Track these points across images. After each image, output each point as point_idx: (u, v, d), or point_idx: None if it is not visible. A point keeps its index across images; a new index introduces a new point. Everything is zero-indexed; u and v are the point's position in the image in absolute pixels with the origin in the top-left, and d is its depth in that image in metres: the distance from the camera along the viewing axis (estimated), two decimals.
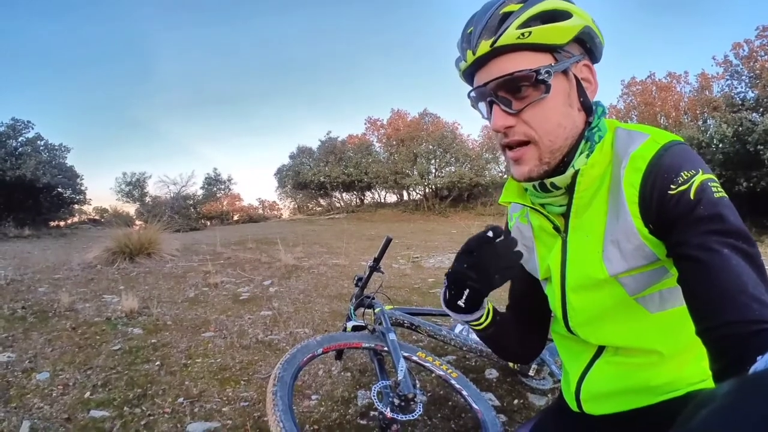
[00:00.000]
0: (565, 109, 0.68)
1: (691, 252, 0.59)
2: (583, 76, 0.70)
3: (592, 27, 0.69)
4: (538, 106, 0.67)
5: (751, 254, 0.57)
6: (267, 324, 2.94)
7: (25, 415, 1.70)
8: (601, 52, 0.73)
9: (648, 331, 0.75)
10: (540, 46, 0.66)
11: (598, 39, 0.71)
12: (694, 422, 0.26)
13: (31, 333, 2.64)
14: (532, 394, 1.93)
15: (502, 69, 0.67)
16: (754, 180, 9.84)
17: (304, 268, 5.00)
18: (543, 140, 0.68)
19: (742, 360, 0.49)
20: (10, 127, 12.78)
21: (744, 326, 0.52)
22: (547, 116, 0.67)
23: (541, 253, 0.85)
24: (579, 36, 0.68)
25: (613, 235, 0.70)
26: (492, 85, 0.68)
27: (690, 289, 0.60)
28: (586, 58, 0.71)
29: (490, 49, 0.66)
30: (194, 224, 16.48)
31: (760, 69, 13.18)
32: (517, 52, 0.66)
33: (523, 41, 0.65)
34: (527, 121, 0.68)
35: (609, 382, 0.81)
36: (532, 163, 0.70)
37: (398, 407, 1.34)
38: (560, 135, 0.69)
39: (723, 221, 0.59)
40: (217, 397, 1.87)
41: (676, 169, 0.62)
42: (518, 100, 0.68)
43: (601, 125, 0.72)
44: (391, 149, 20.13)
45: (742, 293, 0.54)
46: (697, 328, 0.59)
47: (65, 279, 4.23)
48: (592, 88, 0.71)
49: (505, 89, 0.68)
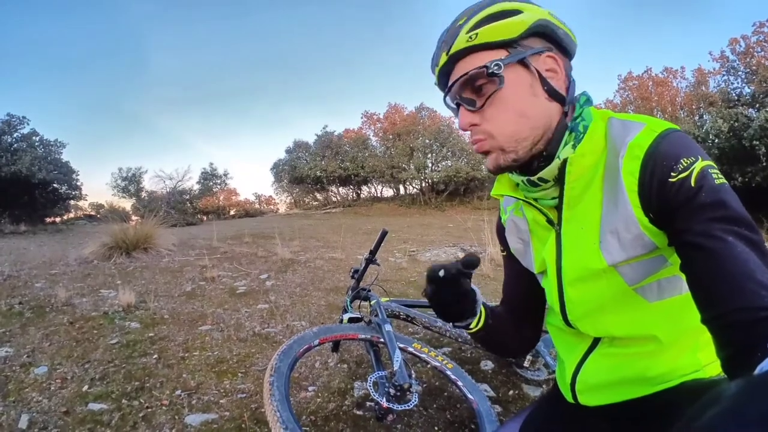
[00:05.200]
0: (527, 99, 0.70)
1: (695, 239, 0.59)
2: (548, 67, 0.71)
3: (549, 19, 0.71)
4: (497, 99, 0.70)
5: (755, 241, 0.57)
6: (264, 317, 2.95)
7: (23, 409, 1.71)
8: (571, 43, 0.75)
9: (646, 321, 0.75)
10: (491, 44, 0.69)
11: (561, 30, 0.72)
12: (699, 423, 0.26)
13: (29, 328, 2.65)
14: (526, 385, 1.95)
15: (458, 73, 0.72)
16: (750, 175, 9.88)
17: (300, 261, 5.00)
18: (503, 132, 0.71)
19: (751, 347, 0.49)
20: (5, 123, 12.70)
21: (752, 313, 0.52)
22: (506, 107, 0.70)
23: (536, 246, 0.85)
24: (534, 29, 0.70)
25: (611, 224, 0.69)
26: (455, 88, 0.72)
27: (695, 277, 0.60)
28: (553, 51, 0.72)
29: (447, 58, 0.72)
30: (191, 219, 16.46)
31: (756, 65, 13.19)
32: (470, 54, 0.70)
33: (473, 43, 0.69)
34: (488, 117, 0.71)
35: (605, 373, 0.81)
36: (495, 153, 0.73)
37: (394, 397, 1.35)
38: (523, 124, 0.70)
39: (726, 208, 0.59)
40: (215, 389, 1.89)
41: (675, 156, 0.62)
42: (479, 97, 0.71)
43: (585, 114, 0.72)
44: (387, 143, 20.07)
45: (749, 280, 0.53)
46: (704, 316, 0.58)
47: (62, 274, 4.23)
48: (558, 77, 0.72)
49: (467, 90, 0.72)
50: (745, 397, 0.25)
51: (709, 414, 0.26)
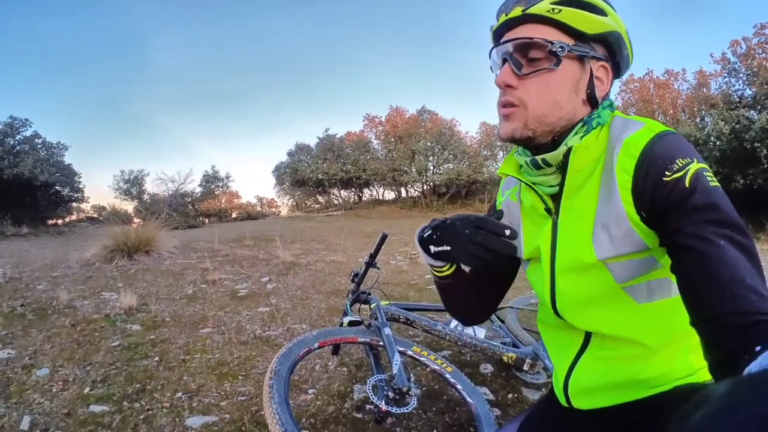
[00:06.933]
0: (568, 92, 0.71)
1: (687, 241, 0.59)
2: (598, 75, 0.73)
3: (623, 36, 0.72)
4: (544, 77, 0.71)
5: (746, 246, 0.57)
6: (265, 320, 2.96)
7: (25, 411, 1.72)
8: (627, 66, 0.77)
9: (634, 322, 0.75)
10: (566, 27, 0.70)
11: (626, 52, 0.74)
12: (688, 424, 0.27)
13: (31, 330, 2.66)
14: (526, 388, 1.95)
15: (524, 33, 0.71)
16: (751, 177, 9.88)
17: (301, 264, 5.01)
18: (535, 108, 0.71)
19: (740, 351, 0.49)
20: (7, 125, 12.75)
21: (741, 317, 0.52)
22: (547, 88, 0.71)
23: (528, 232, 0.86)
24: (606, 36, 0.71)
25: (603, 219, 0.70)
26: (510, 44, 0.72)
27: (685, 279, 0.60)
28: (608, 62, 0.74)
29: (521, 14, 0.71)
30: (192, 222, 16.46)
31: (757, 66, 13.18)
32: (544, 24, 0.70)
33: (552, 16, 0.69)
34: (528, 87, 0.71)
35: (597, 376, 0.81)
36: (517, 122, 0.73)
37: (393, 400, 1.36)
38: (554, 111, 0.71)
39: (718, 211, 0.59)
40: (215, 392, 1.90)
41: (671, 156, 0.63)
42: (529, 65, 0.71)
43: (603, 114, 0.74)
44: (389, 146, 20.09)
45: (740, 284, 0.54)
46: (692, 318, 0.58)
47: (64, 277, 4.24)
48: (603, 87, 0.74)
49: (521, 52, 0.72)
50: (734, 397, 0.26)
51: (699, 415, 0.26)
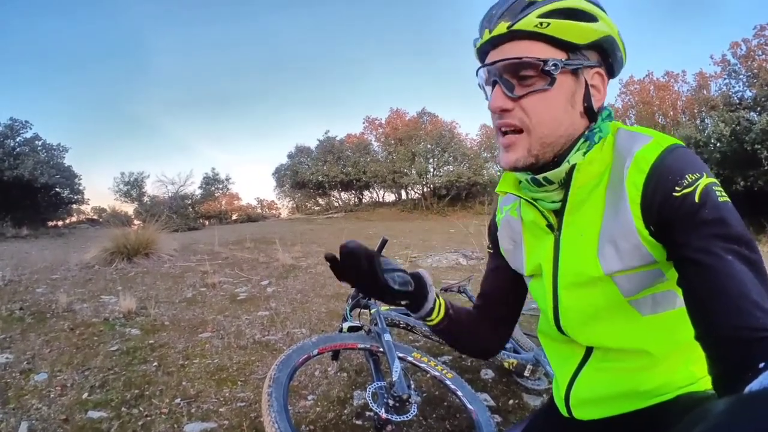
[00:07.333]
0: (566, 107, 0.69)
1: (694, 255, 0.59)
2: (594, 83, 0.70)
3: (616, 39, 0.69)
4: (539, 97, 0.67)
5: (754, 261, 0.57)
6: (264, 324, 2.95)
7: (23, 416, 1.71)
8: (621, 67, 0.74)
9: (638, 334, 0.74)
10: (556, 41, 0.66)
11: (620, 54, 0.71)
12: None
13: (29, 334, 2.65)
14: (527, 394, 1.94)
15: (513, 52, 0.67)
16: (751, 179, 9.88)
17: (301, 267, 5.01)
18: (536, 130, 0.68)
19: (743, 367, 0.49)
20: (8, 127, 12.78)
21: (746, 332, 0.52)
22: (545, 108, 0.67)
23: (529, 248, 0.85)
24: (599, 42, 0.68)
25: (610, 233, 0.69)
26: (499, 65, 0.68)
27: (691, 293, 0.60)
28: (602, 68, 0.71)
29: (506, 31, 0.66)
30: (192, 224, 16.46)
31: (757, 68, 13.19)
32: (532, 40, 0.66)
33: (541, 30, 0.65)
34: (525, 108, 0.68)
35: (599, 387, 0.80)
36: (520, 152, 0.70)
37: (393, 408, 1.35)
38: (555, 130, 0.69)
39: (727, 226, 0.59)
40: (214, 398, 1.88)
41: (681, 171, 0.62)
42: (521, 86, 0.68)
43: (603, 126, 0.72)
44: (389, 148, 20.11)
45: (745, 300, 0.54)
46: (697, 331, 0.59)
47: (63, 279, 4.24)
48: (600, 96, 0.71)
49: (511, 72, 0.68)
50: (734, 415, 0.26)
51: (697, 430, 0.26)
